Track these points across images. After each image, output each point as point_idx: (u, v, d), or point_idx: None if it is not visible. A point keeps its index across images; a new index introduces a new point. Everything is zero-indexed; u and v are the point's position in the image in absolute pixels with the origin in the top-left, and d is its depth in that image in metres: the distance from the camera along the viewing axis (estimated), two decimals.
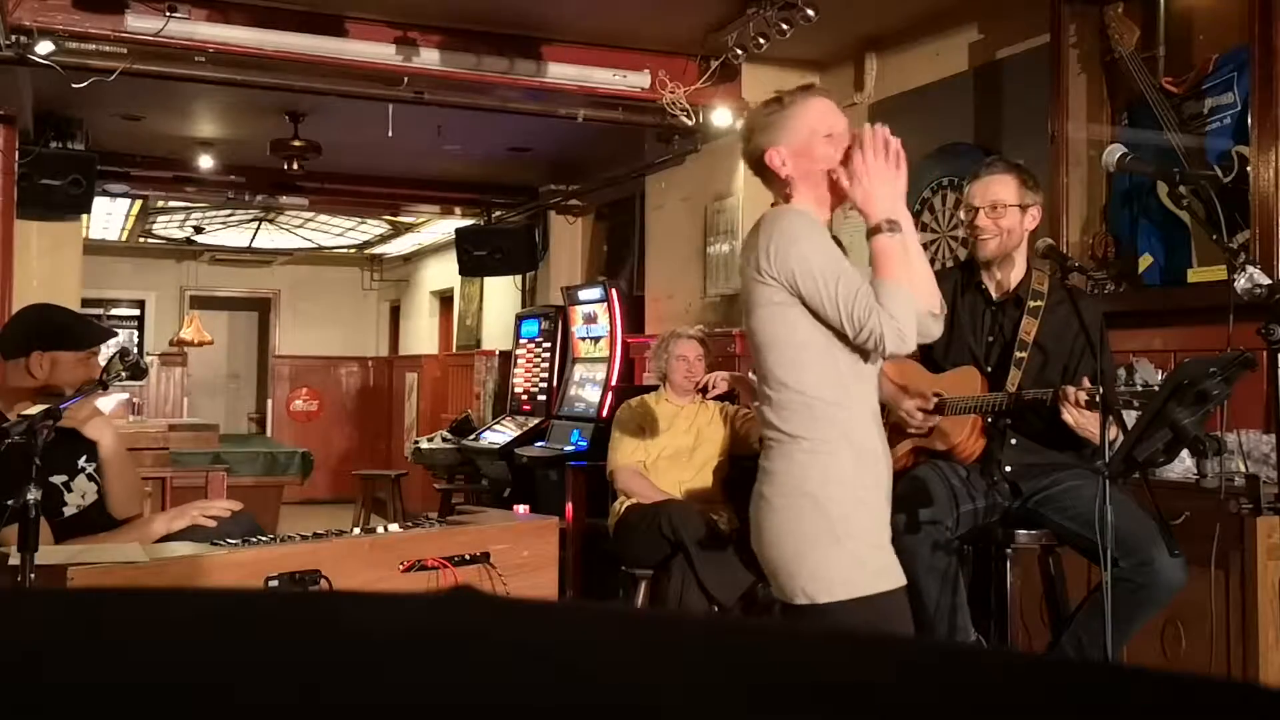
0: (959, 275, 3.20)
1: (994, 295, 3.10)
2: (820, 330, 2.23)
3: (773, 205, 2.39)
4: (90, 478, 3.17)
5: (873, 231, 2.25)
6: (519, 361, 7.76)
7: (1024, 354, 3.01)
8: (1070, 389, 2.78)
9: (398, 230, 11.16)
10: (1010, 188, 3.03)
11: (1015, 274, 3.09)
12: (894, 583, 2.25)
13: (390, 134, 6.04)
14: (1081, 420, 2.78)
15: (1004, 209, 3.02)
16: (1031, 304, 3.05)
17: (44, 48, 4.61)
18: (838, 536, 2.20)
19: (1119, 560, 2.70)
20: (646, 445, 4.63)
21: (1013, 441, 3.03)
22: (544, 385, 7.33)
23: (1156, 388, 2.64)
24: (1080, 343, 3.01)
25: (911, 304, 2.20)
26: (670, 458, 4.58)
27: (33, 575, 2.40)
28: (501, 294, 9.32)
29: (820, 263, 2.20)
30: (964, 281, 3.15)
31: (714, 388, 4.56)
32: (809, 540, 2.21)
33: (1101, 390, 2.59)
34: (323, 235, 11.51)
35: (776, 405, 2.27)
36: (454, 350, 10.57)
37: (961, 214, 3.12)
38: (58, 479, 3.06)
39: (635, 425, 4.68)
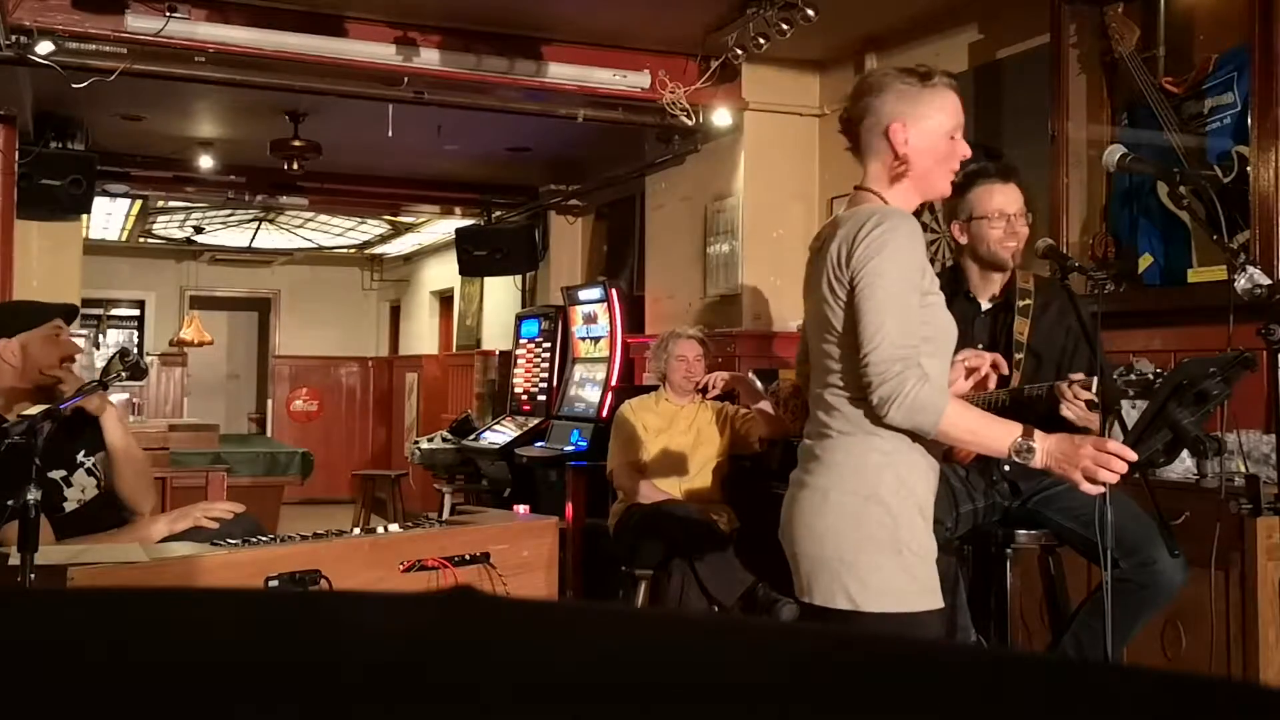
0: (947, 281, 3.20)
1: (983, 303, 3.11)
2: (927, 332, 2.12)
3: (856, 188, 2.25)
4: (89, 472, 3.16)
5: (1025, 433, 2.12)
6: (519, 361, 7.75)
7: (1021, 355, 3.02)
8: (1063, 384, 2.78)
9: (398, 230, 11.16)
10: (1020, 195, 3.05)
11: (1003, 279, 3.11)
12: (936, 603, 2.15)
13: (390, 134, 6.04)
14: (1082, 414, 2.78)
15: (1026, 214, 3.04)
16: (1021, 303, 3.06)
17: (44, 48, 4.61)
18: (899, 546, 2.09)
19: (1120, 561, 2.70)
20: (646, 445, 4.63)
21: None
22: (544, 385, 7.33)
23: (1150, 375, 2.64)
24: (1071, 342, 3.03)
25: (933, 414, 2.05)
26: (669, 458, 4.58)
27: (33, 575, 2.40)
28: (501, 294, 9.32)
29: (896, 280, 2.06)
30: (952, 289, 3.16)
31: (714, 388, 4.56)
32: (869, 544, 2.09)
33: (1100, 387, 2.59)
34: (323, 235, 11.51)
35: (854, 395, 2.11)
36: (454, 350, 10.57)
37: (986, 224, 3.03)
38: (57, 474, 3.06)
39: (634, 425, 4.68)
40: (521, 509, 5.58)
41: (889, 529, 2.09)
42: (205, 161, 7.50)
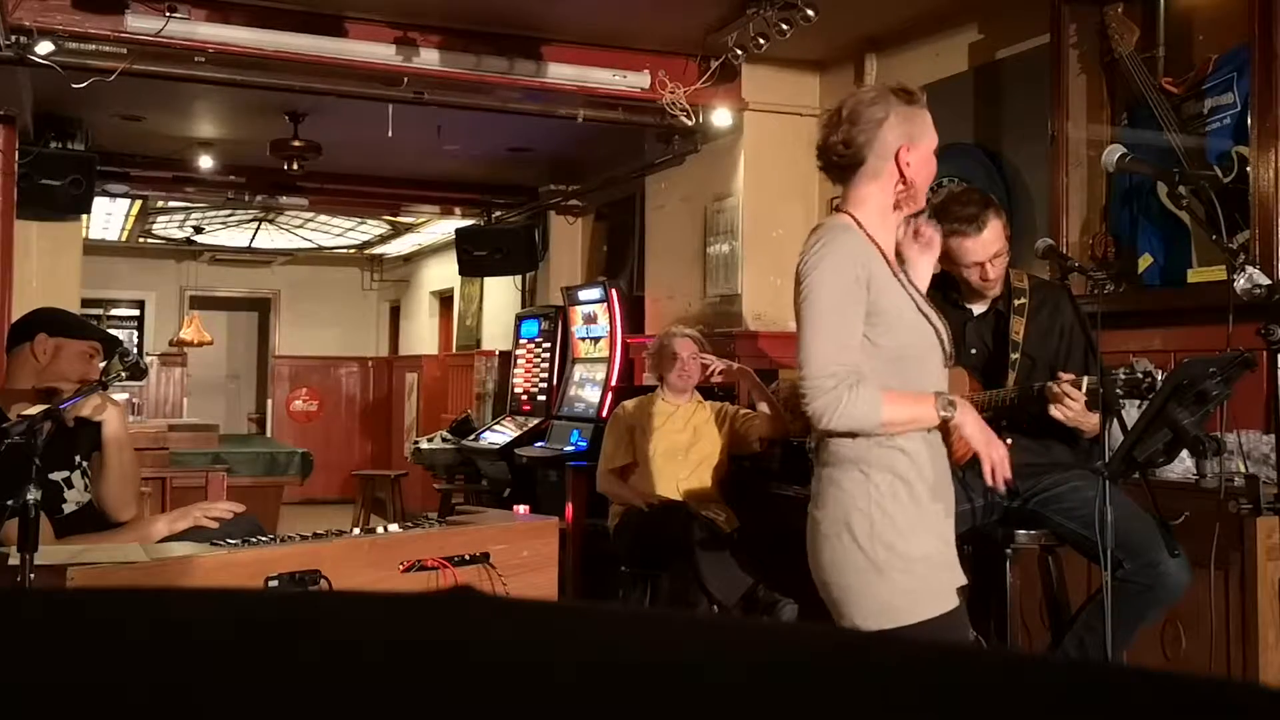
0: (935, 285, 3.19)
1: (974, 311, 3.12)
2: (885, 345, 2.15)
3: (836, 209, 2.30)
4: (85, 474, 3.16)
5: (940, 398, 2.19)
6: (519, 362, 7.76)
7: (1017, 355, 3.02)
8: (1052, 385, 2.79)
9: (398, 230, 11.17)
10: (999, 230, 3.02)
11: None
12: (940, 607, 2.16)
13: (390, 134, 6.04)
14: (1069, 415, 2.78)
15: (1003, 251, 3.03)
16: (1016, 303, 3.06)
17: (44, 48, 4.61)
18: (879, 567, 2.12)
19: (1124, 562, 2.70)
20: (638, 446, 4.63)
21: (1008, 441, 3.03)
22: (544, 385, 7.33)
23: (1139, 375, 2.64)
24: (1064, 344, 3.03)
25: (870, 420, 2.10)
26: (666, 457, 4.58)
27: (32, 575, 2.40)
28: (501, 294, 9.32)
29: (828, 295, 2.11)
30: (941, 297, 3.16)
31: (716, 373, 4.58)
32: (855, 572, 2.14)
33: (1099, 387, 2.59)
34: (323, 235, 11.52)
35: None
36: (454, 350, 10.57)
37: (962, 270, 3.04)
38: (58, 475, 3.05)
39: (625, 428, 4.68)
40: (521, 509, 5.59)
41: (867, 555, 2.13)
42: (205, 161, 7.50)
